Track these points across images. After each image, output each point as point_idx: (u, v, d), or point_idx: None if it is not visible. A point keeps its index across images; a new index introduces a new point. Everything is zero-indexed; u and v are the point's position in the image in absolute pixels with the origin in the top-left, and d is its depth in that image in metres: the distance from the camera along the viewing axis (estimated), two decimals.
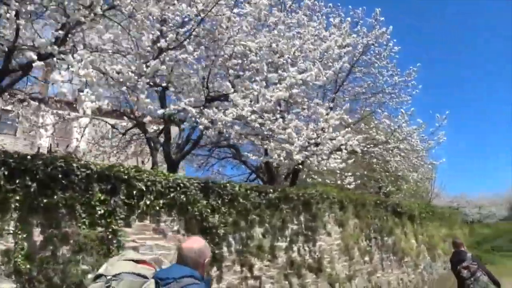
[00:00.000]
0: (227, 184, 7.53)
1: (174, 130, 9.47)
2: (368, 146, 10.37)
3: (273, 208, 8.12)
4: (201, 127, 6.63)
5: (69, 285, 5.32)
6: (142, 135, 10.63)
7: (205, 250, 2.58)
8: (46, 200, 5.54)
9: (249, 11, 7.28)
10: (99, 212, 5.90)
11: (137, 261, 2.40)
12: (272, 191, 8.19)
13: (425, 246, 12.57)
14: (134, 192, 6.27)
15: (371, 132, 11.08)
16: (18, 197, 5.16)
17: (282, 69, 7.70)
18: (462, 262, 6.78)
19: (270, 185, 9.01)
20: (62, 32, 5.16)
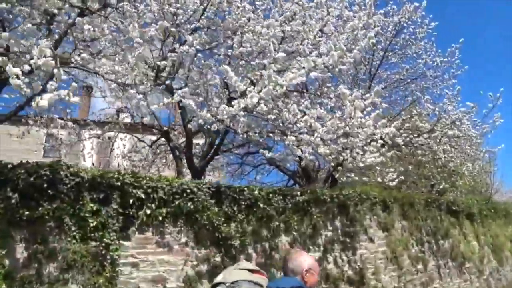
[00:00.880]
0: (245, 188, 6.58)
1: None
2: (411, 136, 8.97)
3: (302, 213, 7.04)
4: (201, 122, 5.75)
5: None
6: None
7: (308, 262, 2.59)
8: (29, 213, 4.92)
9: None
10: (91, 225, 5.17)
11: (252, 271, 2.41)
12: (300, 194, 7.13)
13: (490, 248, 10.71)
14: (131, 201, 5.50)
15: (413, 120, 9.62)
16: None
17: (300, 55, 6.72)
18: None
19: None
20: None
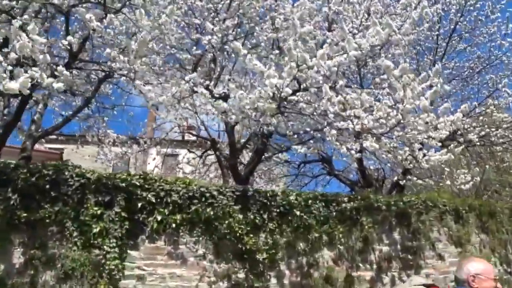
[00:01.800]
0: (278, 193, 5.65)
1: None
2: (488, 130, 7.29)
3: (350, 223, 5.89)
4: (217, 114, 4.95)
5: None
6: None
7: (474, 268, 2.35)
8: (27, 215, 4.51)
9: None
10: (94, 230, 4.62)
11: (428, 286, 2.50)
12: (348, 200, 5.99)
13: None
14: (140, 205, 4.85)
15: (489, 112, 7.78)
16: None
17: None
18: None
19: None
20: None
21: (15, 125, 6.48)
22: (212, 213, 5.09)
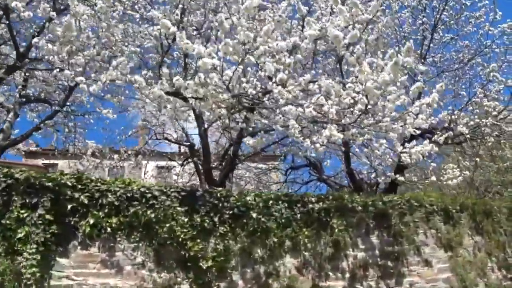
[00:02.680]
0: (232, 194, 5.10)
1: None
2: (477, 121, 6.50)
3: (318, 226, 5.25)
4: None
5: None
6: None
7: None
8: None
9: None
10: (19, 235, 4.19)
11: None
12: (316, 200, 5.36)
13: None
14: (70, 207, 4.41)
15: (478, 100, 6.92)
16: None
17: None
18: None
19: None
20: None
21: None
22: (153, 216, 4.58)
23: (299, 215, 5.21)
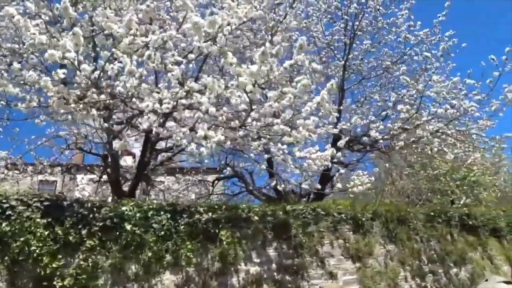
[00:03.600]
0: (106, 204, 4.74)
1: None
2: (396, 128, 6.14)
3: (205, 239, 4.80)
4: None
5: None
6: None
7: None
8: None
9: None
10: None
11: (507, 282, 2.56)
12: (205, 211, 4.95)
13: None
14: None
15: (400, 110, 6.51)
16: None
17: None
18: None
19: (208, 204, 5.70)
20: None
21: None
22: (8, 229, 4.23)
23: (183, 227, 4.79)
